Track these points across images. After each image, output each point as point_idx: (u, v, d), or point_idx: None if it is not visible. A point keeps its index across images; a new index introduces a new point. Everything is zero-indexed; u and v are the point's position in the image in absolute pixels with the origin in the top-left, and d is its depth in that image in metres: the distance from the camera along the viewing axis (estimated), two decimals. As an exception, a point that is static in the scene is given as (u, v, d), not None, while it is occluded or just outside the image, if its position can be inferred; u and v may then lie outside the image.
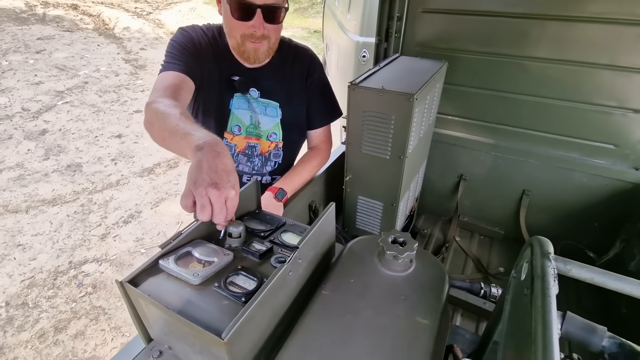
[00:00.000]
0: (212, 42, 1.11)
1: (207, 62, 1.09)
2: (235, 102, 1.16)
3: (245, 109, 1.18)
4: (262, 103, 1.19)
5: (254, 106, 1.18)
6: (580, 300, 1.49)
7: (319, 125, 1.31)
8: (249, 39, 1.03)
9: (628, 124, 1.40)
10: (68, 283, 2.29)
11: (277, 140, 1.26)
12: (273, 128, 1.23)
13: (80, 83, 5.15)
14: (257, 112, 1.19)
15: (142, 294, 0.53)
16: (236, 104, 1.17)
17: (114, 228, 2.76)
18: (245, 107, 1.18)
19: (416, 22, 1.58)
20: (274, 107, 1.21)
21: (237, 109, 1.18)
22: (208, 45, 1.10)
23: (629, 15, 1.23)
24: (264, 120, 1.21)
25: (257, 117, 1.20)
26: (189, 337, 0.53)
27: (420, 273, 0.68)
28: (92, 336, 1.99)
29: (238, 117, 1.19)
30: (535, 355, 0.47)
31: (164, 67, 1.01)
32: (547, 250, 0.61)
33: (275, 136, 1.25)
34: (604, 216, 1.56)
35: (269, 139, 1.24)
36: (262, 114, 1.20)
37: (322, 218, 0.67)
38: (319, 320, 0.58)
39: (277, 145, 1.26)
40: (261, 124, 1.21)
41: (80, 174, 3.34)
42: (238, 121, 1.19)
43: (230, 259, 0.62)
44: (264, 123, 1.22)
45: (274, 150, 1.27)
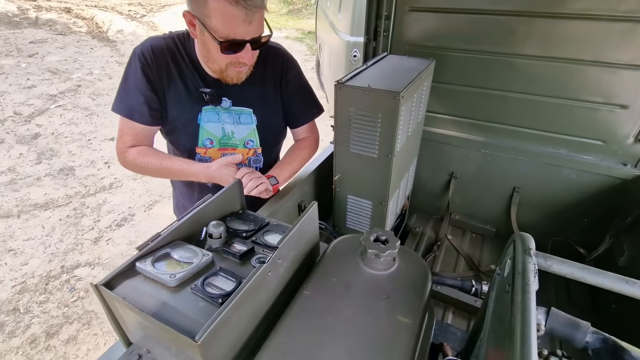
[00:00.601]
0: (173, 57, 1.06)
1: (169, 86, 1.06)
2: (204, 116, 1.12)
3: (215, 122, 1.14)
4: (234, 112, 1.15)
5: (225, 117, 1.14)
6: (570, 296, 1.50)
7: (302, 123, 1.29)
8: (234, 66, 1.01)
9: (615, 120, 1.40)
10: (60, 288, 2.27)
11: (255, 146, 1.22)
12: (249, 135, 1.20)
13: (73, 86, 5.12)
14: (230, 123, 1.15)
15: (117, 297, 0.52)
16: (205, 117, 1.12)
17: (107, 231, 2.74)
18: (215, 120, 1.14)
19: (404, 21, 1.58)
20: (248, 113, 1.17)
21: (207, 123, 1.14)
22: (167, 65, 1.05)
23: (612, 12, 1.23)
24: (238, 129, 1.17)
25: (230, 128, 1.16)
26: (165, 340, 0.52)
27: (403, 271, 0.67)
28: (84, 341, 1.98)
29: (208, 131, 1.15)
30: (513, 351, 0.47)
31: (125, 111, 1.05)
32: (528, 246, 0.61)
33: (252, 143, 1.22)
34: (594, 212, 1.56)
35: (246, 147, 1.21)
36: (235, 123, 1.16)
37: (303, 217, 0.66)
38: (299, 320, 0.58)
39: (256, 151, 1.23)
40: (235, 134, 1.18)
41: (73, 178, 3.32)
42: (209, 134, 1.15)
43: (210, 259, 0.62)
44: (239, 132, 1.18)
45: (253, 156, 1.24)
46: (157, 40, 1.06)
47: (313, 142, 1.36)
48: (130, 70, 1.04)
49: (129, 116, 1.05)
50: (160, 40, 1.06)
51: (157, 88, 1.05)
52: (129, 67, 1.05)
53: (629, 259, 1.31)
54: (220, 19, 0.89)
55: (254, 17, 0.90)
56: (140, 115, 1.06)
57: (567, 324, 0.61)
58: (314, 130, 1.36)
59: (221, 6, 0.86)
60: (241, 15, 0.88)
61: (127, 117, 1.05)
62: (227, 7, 0.86)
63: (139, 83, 1.03)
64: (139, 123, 1.06)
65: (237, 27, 0.90)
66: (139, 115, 1.06)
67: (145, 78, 1.03)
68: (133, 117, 1.05)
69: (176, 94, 1.08)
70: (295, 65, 1.21)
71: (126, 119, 1.06)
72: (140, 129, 1.08)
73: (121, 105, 1.06)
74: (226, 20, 0.89)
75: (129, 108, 1.05)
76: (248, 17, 0.89)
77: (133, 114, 1.05)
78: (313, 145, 1.36)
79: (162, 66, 1.04)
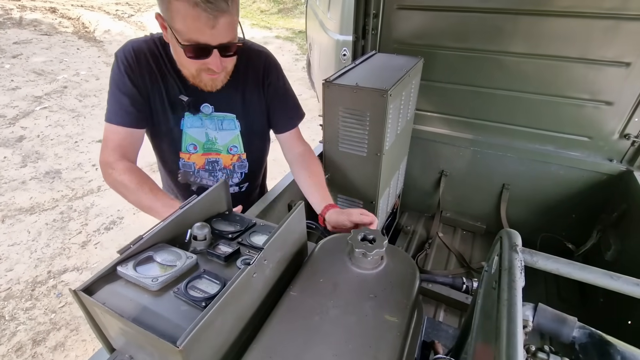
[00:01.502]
0: (154, 61, 1.02)
1: (152, 89, 1.03)
2: (187, 122, 1.09)
3: (198, 127, 1.11)
4: (217, 118, 1.12)
5: (207, 123, 1.11)
6: (559, 291, 1.51)
7: (287, 128, 1.21)
8: (205, 72, 0.97)
9: (601, 116, 1.42)
10: (47, 293, 2.22)
11: (239, 152, 1.19)
12: (232, 141, 1.17)
13: (59, 87, 5.02)
14: (212, 129, 1.12)
15: (96, 302, 0.51)
16: (188, 123, 1.09)
17: (95, 235, 2.69)
18: (198, 125, 1.11)
19: (392, 19, 1.58)
20: (231, 119, 1.13)
21: (190, 128, 1.11)
22: (149, 67, 1.02)
23: (596, 9, 1.25)
24: (221, 135, 1.14)
25: (213, 134, 1.13)
26: (147, 346, 0.51)
27: (390, 270, 0.67)
28: (72, 347, 1.94)
29: (192, 136, 1.12)
30: (500, 348, 0.47)
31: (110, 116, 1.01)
32: (514, 242, 0.61)
33: (236, 149, 1.18)
34: (581, 208, 1.58)
35: (229, 152, 1.18)
36: (217, 129, 1.13)
37: (289, 217, 0.65)
38: (286, 322, 0.57)
39: (240, 156, 1.20)
40: (218, 139, 1.15)
41: (59, 181, 3.25)
42: (192, 140, 1.13)
43: (194, 262, 0.60)
44: (222, 138, 1.15)
45: (237, 162, 1.21)
46: (138, 42, 1.03)
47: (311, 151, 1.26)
48: (114, 74, 1.01)
49: (113, 120, 1.01)
50: (142, 42, 1.02)
51: (141, 90, 1.02)
52: (112, 72, 1.02)
53: (615, 253, 1.33)
54: (183, 22, 0.86)
55: (217, 22, 0.86)
56: (123, 118, 1.02)
57: (554, 319, 0.61)
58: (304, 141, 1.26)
59: (183, 8, 0.83)
60: (202, 19, 0.84)
61: (111, 121, 1.01)
62: (188, 9, 0.83)
63: (123, 85, 1.00)
64: (123, 126, 1.02)
65: (200, 31, 0.86)
66: (123, 118, 1.02)
67: (129, 79, 1.00)
68: (117, 120, 1.01)
69: (159, 98, 1.05)
70: (277, 68, 1.17)
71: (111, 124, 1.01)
72: (126, 133, 1.03)
73: (108, 111, 1.02)
74: (188, 23, 0.85)
75: (113, 112, 1.01)
76: (210, 20, 0.85)
77: (117, 116, 1.01)
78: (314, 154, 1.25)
79: (144, 68, 1.01)
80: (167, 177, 1.22)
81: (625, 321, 1.16)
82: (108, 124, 1.03)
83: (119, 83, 1.00)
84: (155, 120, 1.07)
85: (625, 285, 0.54)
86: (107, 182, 1.04)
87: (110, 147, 1.03)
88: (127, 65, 0.99)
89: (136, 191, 0.99)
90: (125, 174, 1.01)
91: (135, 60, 1.00)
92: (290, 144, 1.22)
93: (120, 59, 0.99)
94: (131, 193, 1.00)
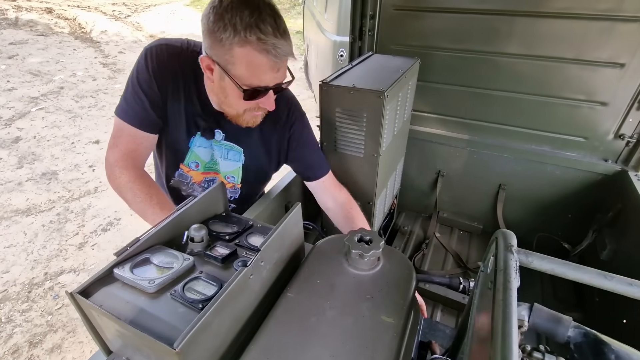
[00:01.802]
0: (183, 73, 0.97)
1: (171, 99, 0.98)
2: (196, 141, 1.07)
3: (206, 147, 1.09)
4: (224, 146, 1.10)
5: (215, 147, 1.09)
6: (556, 291, 1.52)
7: (321, 175, 1.15)
8: (252, 111, 0.95)
9: (596, 117, 1.43)
10: (43, 295, 2.21)
11: (235, 182, 1.18)
12: (232, 172, 1.15)
13: (55, 88, 5.00)
14: (218, 155, 1.10)
15: (93, 304, 0.51)
16: (197, 142, 1.07)
17: (92, 236, 2.68)
18: (206, 146, 1.09)
19: (389, 20, 1.58)
20: (238, 152, 1.11)
21: (198, 147, 1.08)
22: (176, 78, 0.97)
23: (591, 11, 1.26)
24: (224, 163, 1.12)
25: (217, 158, 1.12)
26: (144, 348, 0.51)
27: (387, 271, 0.67)
28: (69, 349, 1.93)
29: (197, 155, 1.09)
30: (495, 348, 0.47)
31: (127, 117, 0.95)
32: (510, 243, 0.62)
33: (233, 179, 1.17)
34: (577, 208, 1.59)
35: (226, 179, 1.17)
36: (222, 157, 1.11)
37: (286, 218, 0.65)
38: (282, 323, 0.57)
39: (235, 185, 1.19)
40: (220, 165, 1.13)
41: (56, 182, 3.24)
42: (196, 158, 1.10)
43: (190, 264, 0.60)
44: (224, 165, 1.13)
45: (230, 188, 1.19)
46: (174, 47, 0.97)
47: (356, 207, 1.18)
48: (141, 72, 0.94)
49: (132, 122, 0.95)
50: (177, 50, 0.97)
51: (162, 96, 0.97)
52: (139, 68, 0.95)
53: (611, 253, 1.34)
54: (246, 67, 0.83)
55: (282, 65, 0.86)
56: (144, 122, 0.96)
57: (550, 319, 0.62)
58: (341, 186, 1.21)
59: (249, 55, 0.81)
60: (269, 64, 0.83)
61: (130, 123, 0.96)
62: (255, 56, 0.81)
63: (147, 87, 0.94)
64: (142, 130, 0.97)
65: (264, 75, 0.85)
66: (143, 122, 0.96)
67: (155, 82, 0.94)
68: (136, 123, 0.96)
69: (176, 111, 1.00)
70: (302, 115, 1.13)
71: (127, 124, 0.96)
72: (142, 138, 0.98)
73: (126, 109, 0.96)
74: (253, 69, 0.83)
75: (133, 112, 0.95)
76: (276, 65, 0.84)
77: (136, 119, 0.96)
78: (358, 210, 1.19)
79: (170, 76, 0.96)
80: (159, 176, 1.20)
81: (620, 320, 1.16)
82: (124, 123, 0.96)
83: (142, 83, 0.94)
84: (164, 129, 1.03)
85: (618, 285, 0.55)
86: (111, 184, 0.99)
87: (123, 149, 0.97)
88: (156, 67, 0.94)
89: (142, 202, 0.95)
90: (135, 182, 0.96)
91: (166, 65, 0.95)
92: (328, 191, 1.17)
93: (151, 56, 0.94)
94: (137, 203, 0.96)
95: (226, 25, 0.80)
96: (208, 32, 0.84)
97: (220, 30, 0.80)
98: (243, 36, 0.79)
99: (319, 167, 1.15)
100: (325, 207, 1.21)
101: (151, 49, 0.95)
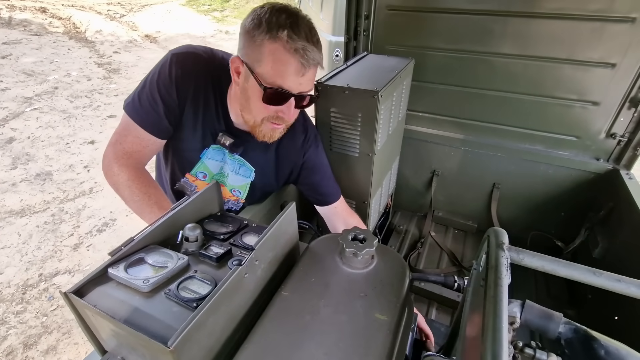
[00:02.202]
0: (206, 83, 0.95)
1: (189, 107, 0.96)
2: (209, 153, 1.04)
3: (217, 161, 1.07)
4: (238, 161, 1.08)
5: (228, 160, 1.07)
6: (549, 289, 1.54)
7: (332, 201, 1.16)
8: (270, 120, 0.92)
9: (588, 116, 1.45)
10: (38, 297, 2.20)
11: (240, 197, 1.17)
12: (239, 187, 1.14)
13: (49, 88, 4.96)
14: (229, 168, 1.09)
15: (87, 304, 0.51)
16: (210, 154, 1.05)
17: (87, 237, 2.67)
18: (218, 159, 1.07)
19: (383, 20, 1.59)
20: (249, 169, 1.10)
21: (209, 159, 1.06)
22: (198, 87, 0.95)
23: (583, 11, 1.28)
24: (233, 178, 1.11)
25: (227, 171, 1.10)
26: (138, 347, 0.51)
27: (381, 269, 0.68)
28: (64, 351, 1.92)
29: (206, 166, 1.07)
30: (486, 343, 0.48)
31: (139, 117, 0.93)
32: (501, 241, 0.62)
33: (238, 193, 1.15)
34: (570, 206, 1.61)
35: (231, 192, 1.15)
36: (233, 172, 1.10)
37: (281, 217, 0.66)
38: (277, 322, 0.57)
39: (239, 200, 1.18)
40: (229, 178, 1.11)
41: (50, 183, 3.21)
42: (206, 169, 1.08)
43: (185, 263, 0.61)
44: (233, 180, 1.11)
45: (234, 201, 1.18)
46: (199, 55, 0.95)
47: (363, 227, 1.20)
48: (163, 75, 0.92)
49: (142, 124, 0.94)
50: (202, 57, 0.95)
51: (180, 103, 0.95)
52: (161, 70, 0.93)
53: (602, 251, 1.36)
54: (272, 64, 0.82)
55: (308, 72, 0.84)
56: (154, 126, 0.95)
57: (541, 315, 0.63)
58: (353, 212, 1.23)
59: (277, 51, 0.81)
60: (295, 65, 0.81)
61: (140, 124, 0.94)
62: (283, 53, 0.81)
63: (166, 92, 0.92)
64: (151, 134, 0.96)
65: (288, 77, 0.83)
66: (154, 126, 0.95)
67: (175, 89, 0.93)
68: (147, 126, 0.94)
69: (193, 120, 0.98)
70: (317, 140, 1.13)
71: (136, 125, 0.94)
72: (149, 141, 0.97)
73: (138, 109, 0.94)
74: (278, 67, 0.82)
75: (145, 114, 0.93)
76: (302, 69, 0.82)
77: (147, 122, 0.94)
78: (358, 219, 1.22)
79: (192, 84, 0.94)
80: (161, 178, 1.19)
81: (612, 317, 1.18)
82: (133, 123, 0.94)
83: (162, 88, 0.92)
84: (177, 135, 1.01)
85: (607, 281, 0.56)
86: (108, 180, 0.98)
87: (127, 148, 0.96)
88: (179, 74, 0.93)
89: (140, 201, 0.94)
90: (134, 181, 0.95)
91: (190, 73, 0.93)
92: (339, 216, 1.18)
93: (175, 63, 0.93)
94: (134, 202, 0.95)
95: (261, 24, 0.82)
96: (244, 33, 0.85)
97: (255, 28, 0.82)
98: (275, 33, 0.80)
99: (330, 194, 1.16)
100: (335, 231, 1.21)
101: (177, 55, 0.93)
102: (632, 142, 1.41)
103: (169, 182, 1.15)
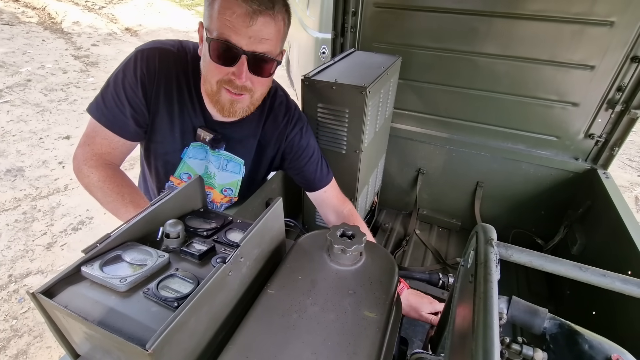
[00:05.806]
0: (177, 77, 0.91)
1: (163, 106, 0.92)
2: (190, 152, 1.00)
3: (200, 159, 1.02)
4: (224, 157, 1.03)
5: (212, 158, 1.02)
6: (530, 285, 1.57)
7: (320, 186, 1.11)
8: (226, 85, 0.84)
9: (568, 117, 1.49)
10: (7, 299, 2.09)
11: (232, 195, 1.12)
12: (230, 185, 1.09)
13: (22, 81, 4.74)
14: (214, 165, 1.04)
15: (57, 305, 0.47)
16: (191, 153, 1.00)
17: (61, 236, 2.56)
18: (201, 158, 1.02)
19: (371, 18, 1.58)
20: (238, 163, 1.05)
21: (191, 159, 1.02)
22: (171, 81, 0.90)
23: (564, 13, 1.30)
24: (222, 175, 1.06)
25: (213, 169, 1.05)
26: (113, 350, 0.48)
27: (369, 266, 0.66)
28: (35, 355, 1.83)
29: (190, 166, 1.03)
30: (476, 340, 0.47)
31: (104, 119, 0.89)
32: (490, 236, 0.62)
33: (230, 192, 1.11)
34: (549, 204, 1.65)
35: (222, 193, 1.11)
36: (221, 168, 1.05)
37: (267, 214, 0.63)
38: (263, 321, 0.55)
39: (232, 199, 1.14)
40: (217, 177, 1.06)
41: (22, 179, 3.06)
42: (189, 170, 1.04)
43: (166, 261, 0.58)
44: (221, 177, 1.06)
45: (226, 203, 1.14)
46: (166, 49, 0.90)
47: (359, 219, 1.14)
48: (127, 74, 0.88)
49: (109, 126, 0.90)
50: (170, 51, 0.90)
51: (150, 103, 0.91)
52: (125, 69, 0.88)
53: (581, 247, 1.40)
54: (218, 14, 0.76)
55: (255, 20, 0.76)
56: (121, 128, 0.91)
57: (527, 311, 0.63)
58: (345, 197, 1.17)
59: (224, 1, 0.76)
60: (240, 12, 0.75)
61: (106, 126, 0.90)
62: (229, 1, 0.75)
63: (132, 92, 0.88)
64: (118, 135, 0.91)
65: (234, 26, 0.76)
66: (120, 128, 0.90)
67: (141, 88, 0.88)
68: (114, 128, 0.90)
69: (168, 119, 0.93)
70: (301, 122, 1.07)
71: (102, 126, 0.90)
72: (118, 142, 0.93)
73: (103, 110, 0.89)
74: (223, 16, 0.76)
75: (111, 116, 0.89)
76: (247, 16, 0.75)
77: (114, 124, 0.90)
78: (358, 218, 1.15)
79: (162, 81, 0.89)
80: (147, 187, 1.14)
81: (590, 312, 1.21)
82: (98, 125, 0.90)
83: (127, 87, 0.88)
84: (153, 138, 0.97)
85: (592, 276, 0.56)
86: (80, 182, 0.94)
87: (95, 150, 0.92)
88: (145, 72, 0.88)
89: (114, 202, 0.91)
90: (105, 181, 0.91)
91: (157, 69, 0.88)
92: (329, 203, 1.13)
93: (140, 59, 0.88)
94: (108, 203, 0.91)
95: None
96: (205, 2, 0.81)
97: None
98: None
99: (318, 179, 1.10)
100: (326, 220, 1.17)
101: (143, 52, 0.88)
102: (609, 142, 1.46)
103: (155, 188, 1.10)
